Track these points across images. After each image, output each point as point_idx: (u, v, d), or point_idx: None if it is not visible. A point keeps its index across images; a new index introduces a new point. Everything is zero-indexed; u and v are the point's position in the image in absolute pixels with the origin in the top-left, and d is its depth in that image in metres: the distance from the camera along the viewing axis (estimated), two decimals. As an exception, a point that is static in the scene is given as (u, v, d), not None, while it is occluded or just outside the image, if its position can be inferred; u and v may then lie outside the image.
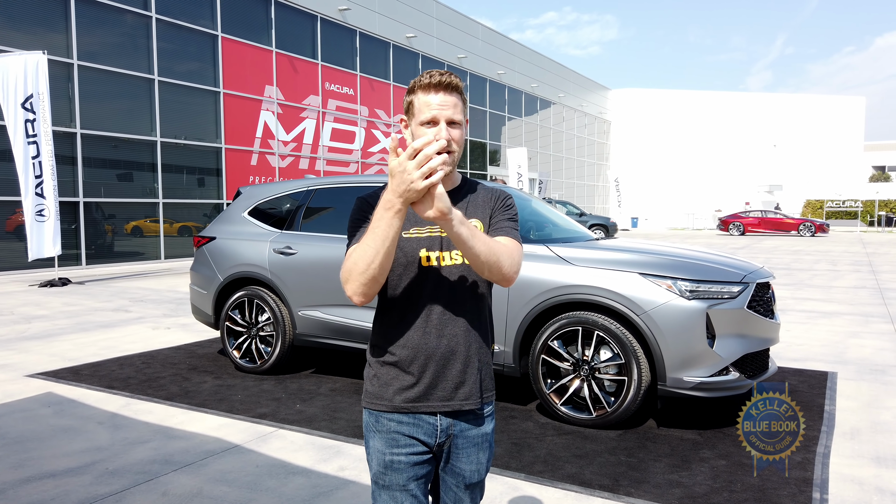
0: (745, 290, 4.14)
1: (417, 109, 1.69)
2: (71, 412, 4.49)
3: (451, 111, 1.67)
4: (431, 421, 1.70)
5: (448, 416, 1.71)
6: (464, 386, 1.71)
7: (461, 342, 1.70)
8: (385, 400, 1.70)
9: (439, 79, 1.67)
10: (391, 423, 1.70)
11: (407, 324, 1.68)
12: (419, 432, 1.69)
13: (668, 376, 3.97)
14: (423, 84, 1.68)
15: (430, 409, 1.69)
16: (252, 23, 18.29)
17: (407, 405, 1.68)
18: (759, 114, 48.85)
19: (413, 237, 1.69)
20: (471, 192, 1.81)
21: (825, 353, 6.42)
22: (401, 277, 1.69)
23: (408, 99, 1.74)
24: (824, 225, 32.08)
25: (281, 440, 3.97)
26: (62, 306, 9.14)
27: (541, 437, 4.01)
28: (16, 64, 11.17)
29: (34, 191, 11.34)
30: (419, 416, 1.69)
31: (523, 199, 5.74)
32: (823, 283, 12.06)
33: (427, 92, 1.68)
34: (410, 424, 1.69)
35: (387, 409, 1.70)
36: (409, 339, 1.68)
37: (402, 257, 1.67)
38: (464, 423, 1.73)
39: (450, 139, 1.65)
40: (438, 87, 1.67)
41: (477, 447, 1.76)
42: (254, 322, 5.53)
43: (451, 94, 1.68)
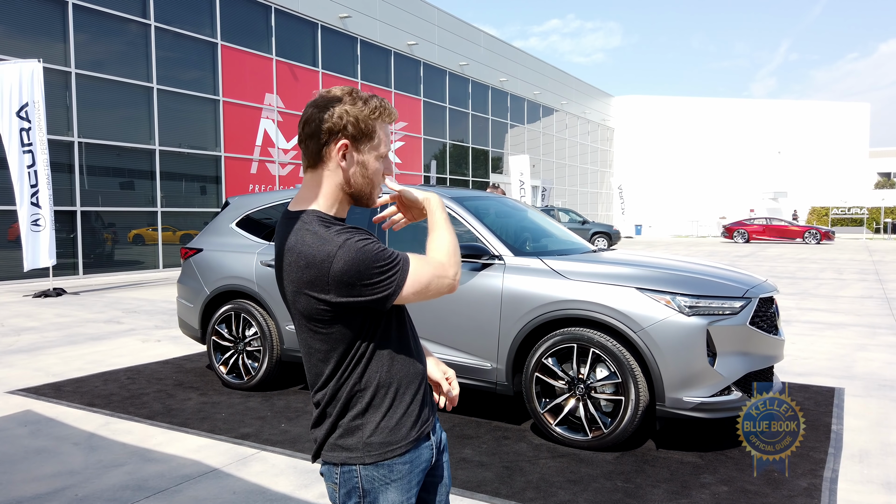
0: (748, 306, 3.96)
1: (380, 140, 1.55)
2: (47, 432, 4.33)
3: None
4: (429, 443, 1.63)
5: (435, 428, 1.68)
6: (431, 391, 1.73)
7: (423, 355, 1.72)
8: (399, 443, 1.53)
9: (396, 112, 1.61)
10: (404, 466, 1.55)
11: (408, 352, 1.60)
12: (423, 460, 1.60)
13: (667, 396, 3.79)
14: (388, 114, 1.56)
15: (432, 426, 1.65)
16: (252, 30, 18.22)
17: (418, 433, 1.58)
18: (763, 120, 48.62)
19: None
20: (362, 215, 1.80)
21: (831, 367, 6.22)
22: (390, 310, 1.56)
23: (370, 123, 1.52)
24: (830, 232, 31.81)
25: (262, 463, 3.80)
26: (54, 317, 9.00)
27: (534, 460, 3.83)
28: (11, 72, 11.08)
29: (29, 200, 11.22)
30: (420, 445, 1.59)
31: (518, 210, 5.59)
32: (829, 293, 11.85)
33: (391, 123, 1.60)
34: (417, 458, 1.58)
35: (401, 452, 1.54)
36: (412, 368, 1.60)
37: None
38: (440, 433, 1.70)
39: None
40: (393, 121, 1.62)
41: (446, 451, 1.76)
42: (241, 337, 5.37)
43: None
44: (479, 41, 28.79)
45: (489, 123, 30.02)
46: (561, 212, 25.59)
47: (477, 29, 28.89)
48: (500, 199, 5.47)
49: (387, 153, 1.58)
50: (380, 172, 1.57)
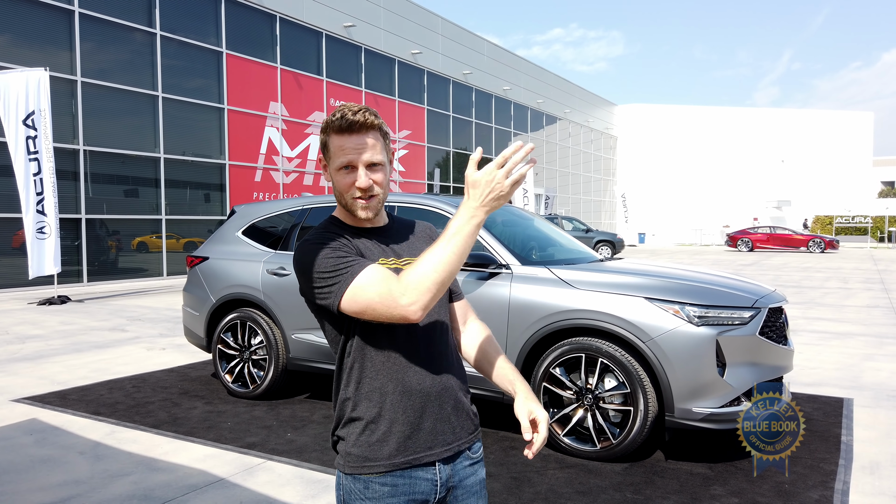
0: (757, 316, 3.93)
1: (333, 153, 1.55)
2: (53, 441, 4.32)
3: (369, 153, 1.53)
4: (430, 476, 1.52)
5: (447, 462, 1.54)
6: (458, 426, 1.57)
7: (452, 377, 1.58)
8: (379, 461, 1.49)
9: (352, 120, 1.51)
10: (384, 487, 1.49)
11: (397, 366, 1.52)
12: (416, 491, 1.51)
13: (676, 407, 3.77)
14: (336, 126, 1.52)
15: (430, 459, 1.51)
16: (257, 39, 18.29)
17: (406, 460, 1.49)
18: (766, 129, 48.63)
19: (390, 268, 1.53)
20: (404, 225, 1.72)
21: (839, 377, 6.18)
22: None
23: (322, 139, 1.58)
24: (834, 241, 31.72)
25: (268, 473, 3.78)
26: (58, 325, 9.00)
27: (542, 471, 3.80)
28: (17, 80, 11.13)
29: (35, 208, 11.25)
30: (415, 472, 1.50)
31: (525, 219, 5.57)
32: (835, 302, 11.80)
33: (341, 135, 1.52)
34: (406, 485, 1.50)
35: (380, 472, 1.49)
36: (399, 383, 1.51)
37: None
38: (462, 472, 1.58)
39: (370, 185, 1.53)
40: (352, 129, 1.52)
41: (476, 496, 1.61)
42: (246, 345, 5.35)
43: (368, 133, 1.53)
44: (482, 50, 28.87)
45: (493, 132, 30.06)
46: (564, 220, 25.58)
47: (480, 38, 28.98)
48: (506, 208, 5.46)
49: (345, 164, 1.52)
50: (346, 185, 1.53)
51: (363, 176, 1.52)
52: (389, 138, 1.61)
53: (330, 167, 1.56)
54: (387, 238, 1.63)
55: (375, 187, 1.54)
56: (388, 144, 1.59)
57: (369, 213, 1.55)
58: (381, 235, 1.62)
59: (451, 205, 4.82)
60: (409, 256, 1.62)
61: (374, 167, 1.54)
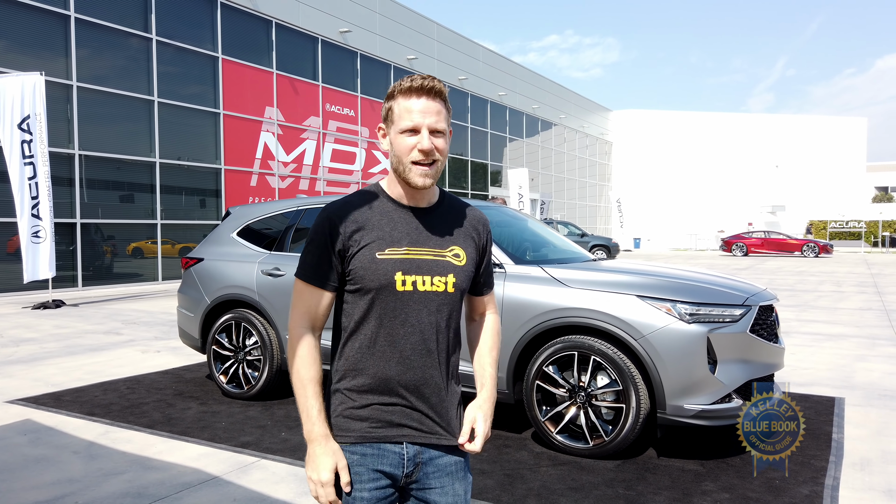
0: (748, 314, 3.97)
1: (398, 116, 1.56)
2: (47, 441, 4.32)
3: (434, 118, 1.54)
4: (397, 450, 1.56)
5: (416, 444, 1.58)
6: (434, 416, 1.59)
7: (436, 373, 1.59)
8: (348, 431, 1.56)
9: (421, 83, 1.54)
10: (353, 456, 1.56)
11: (379, 351, 1.56)
12: (384, 464, 1.55)
13: (668, 404, 3.79)
14: (405, 88, 1.55)
15: (398, 440, 1.56)
16: (253, 45, 18.34)
17: (374, 434, 1.55)
18: (761, 135, 48.87)
19: (388, 258, 1.55)
20: (451, 211, 1.69)
21: (831, 377, 6.22)
22: (373, 301, 1.56)
23: (387, 105, 1.60)
24: (828, 246, 31.88)
25: (262, 471, 3.79)
26: (53, 329, 8.99)
27: (535, 468, 3.82)
28: (13, 85, 11.14)
29: (30, 212, 11.25)
30: (383, 445, 1.55)
31: (519, 220, 5.61)
32: (828, 305, 11.86)
33: (408, 97, 1.55)
34: (374, 456, 1.55)
35: (350, 442, 1.55)
36: (380, 370, 1.55)
37: (374, 280, 1.54)
38: (433, 451, 1.59)
39: (432, 149, 1.54)
40: (421, 92, 1.54)
41: (451, 476, 1.61)
42: (241, 346, 5.37)
43: (435, 99, 1.56)
44: (477, 56, 28.98)
45: (488, 137, 30.15)
46: (560, 225, 25.64)
47: (476, 44, 29.10)
48: (500, 209, 5.50)
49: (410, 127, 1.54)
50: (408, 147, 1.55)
51: (426, 138, 1.52)
52: (451, 113, 1.61)
53: (392, 131, 1.57)
54: (426, 220, 1.61)
55: (436, 153, 1.55)
56: (449, 117, 1.60)
57: (427, 179, 1.54)
58: (421, 216, 1.61)
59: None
60: (434, 247, 1.59)
61: (437, 134, 1.55)
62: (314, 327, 1.59)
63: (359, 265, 1.54)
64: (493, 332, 1.79)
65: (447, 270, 1.60)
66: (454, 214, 1.68)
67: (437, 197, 1.67)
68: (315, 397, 1.54)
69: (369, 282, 1.54)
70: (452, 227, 1.65)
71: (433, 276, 1.58)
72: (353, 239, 1.55)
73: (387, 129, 1.60)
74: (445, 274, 1.59)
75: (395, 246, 1.56)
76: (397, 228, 1.58)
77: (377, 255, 1.54)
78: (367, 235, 1.55)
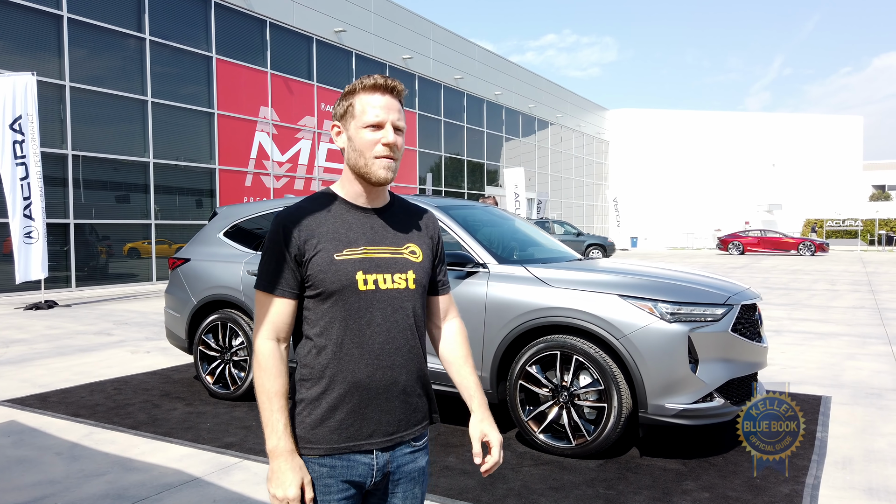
0: (730, 313, 3.97)
1: (360, 111, 1.57)
2: (30, 442, 4.31)
3: (396, 115, 1.58)
4: (367, 461, 1.55)
5: (386, 451, 1.57)
6: (404, 418, 1.60)
7: (403, 372, 1.59)
8: (317, 444, 1.53)
9: (385, 81, 1.57)
10: (322, 468, 1.53)
11: (346, 354, 1.54)
12: (353, 474, 1.54)
13: (650, 403, 3.79)
14: (368, 85, 1.58)
15: (368, 448, 1.55)
16: (247, 44, 18.32)
17: (344, 445, 1.53)
18: (757, 133, 48.92)
19: (347, 258, 1.55)
20: (403, 210, 1.70)
21: (820, 375, 6.23)
22: (335, 304, 1.55)
23: (346, 102, 1.60)
24: (824, 244, 31.91)
25: (244, 472, 3.78)
26: (44, 329, 8.98)
27: (517, 468, 3.82)
28: (4, 85, 11.12)
29: (22, 213, 11.22)
30: (353, 456, 1.54)
31: (506, 219, 5.61)
32: (821, 304, 11.87)
33: (372, 93, 1.57)
34: (344, 467, 1.54)
35: (319, 454, 1.53)
36: (348, 373, 1.54)
37: (335, 281, 1.53)
38: (400, 459, 1.60)
39: (394, 143, 1.56)
40: (385, 90, 1.58)
41: (414, 482, 1.63)
42: (227, 346, 5.36)
43: (396, 98, 1.59)
44: (473, 55, 28.98)
45: (484, 136, 30.15)
46: (556, 224, 25.65)
47: (472, 43, 29.09)
48: (486, 209, 5.49)
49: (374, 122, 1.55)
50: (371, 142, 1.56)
51: (391, 131, 1.55)
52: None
53: (352, 127, 1.57)
54: (380, 219, 1.63)
55: (395, 150, 1.57)
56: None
57: (389, 173, 1.56)
58: (374, 216, 1.62)
59: (432, 205, 4.84)
60: (391, 245, 1.60)
61: (398, 132, 1.58)
62: (279, 338, 1.56)
63: (317, 269, 1.53)
64: (464, 339, 1.79)
65: (406, 267, 1.60)
66: (406, 214, 1.70)
67: (388, 197, 1.69)
68: (281, 411, 1.51)
69: (330, 284, 1.53)
70: (406, 226, 1.67)
71: (393, 274, 1.58)
72: (308, 244, 1.54)
73: (344, 126, 1.61)
74: (405, 271, 1.60)
75: (352, 246, 1.56)
76: (353, 229, 1.58)
77: (335, 257, 1.54)
78: (323, 238, 1.55)
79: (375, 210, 1.63)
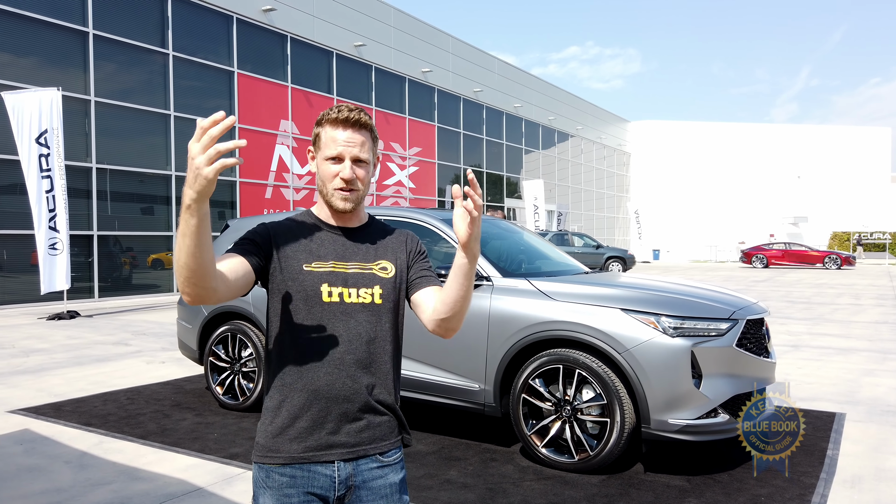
0: (734, 327, 3.93)
1: (324, 143, 1.63)
2: (41, 450, 4.39)
3: (357, 149, 1.61)
4: (328, 472, 1.56)
5: (348, 462, 1.57)
6: (366, 431, 1.60)
7: (365, 384, 1.59)
8: (277, 453, 1.56)
9: (347, 115, 1.61)
10: (283, 478, 1.55)
11: (306, 365, 1.57)
12: (315, 486, 1.56)
13: (653, 418, 3.76)
14: (331, 118, 1.62)
15: (329, 458, 1.56)
16: (268, 59, 18.60)
17: (304, 455, 1.55)
18: (783, 145, 48.31)
19: (314, 271, 1.60)
20: (378, 231, 1.74)
21: (835, 392, 6.11)
22: (299, 314, 1.58)
23: (315, 131, 1.67)
24: (850, 258, 31.34)
25: (247, 483, 3.81)
26: (64, 339, 9.14)
27: (518, 483, 3.81)
28: (31, 100, 11.41)
29: (48, 224, 11.47)
30: (314, 467, 1.55)
31: (513, 232, 5.61)
32: (843, 318, 11.65)
33: (335, 127, 1.62)
34: (305, 478, 1.55)
35: (279, 463, 1.55)
36: (308, 382, 1.56)
37: (300, 292, 1.58)
38: (366, 474, 1.59)
39: (353, 178, 1.61)
40: (346, 124, 1.61)
41: (385, 499, 1.61)
42: (237, 358, 5.42)
43: (360, 131, 1.62)
44: (493, 68, 29.08)
45: (504, 149, 30.18)
46: (575, 236, 25.53)
47: (491, 56, 29.21)
48: (492, 222, 5.51)
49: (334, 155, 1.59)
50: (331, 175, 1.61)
51: (348, 167, 1.59)
52: (377, 143, 1.69)
53: (318, 157, 1.64)
54: (353, 238, 1.66)
55: (357, 182, 1.61)
56: (375, 148, 1.67)
57: (348, 204, 1.61)
58: (348, 235, 1.66)
59: (438, 218, 4.87)
60: (360, 261, 1.63)
61: (360, 163, 1.61)
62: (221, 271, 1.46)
63: (287, 276, 1.58)
64: None
65: (373, 282, 1.63)
66: (382, 233, 1.73)
67: (366, 219, 1.74)
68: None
69: (296, 292, 1.57)
70: (380, 244, 1.70)
71: (359, 288, 1.61)
72: (282, 250, 1.60)
73: (315, 152, 1.67)
74: (371, 286, 1.63)
75: (320, 260, 1.61)
76: (324, 246, 1.64)
77: (304, 267, 1.59)
78: (295, 248, 1.61)
79: (350, 229, 1.69)
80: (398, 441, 1.67)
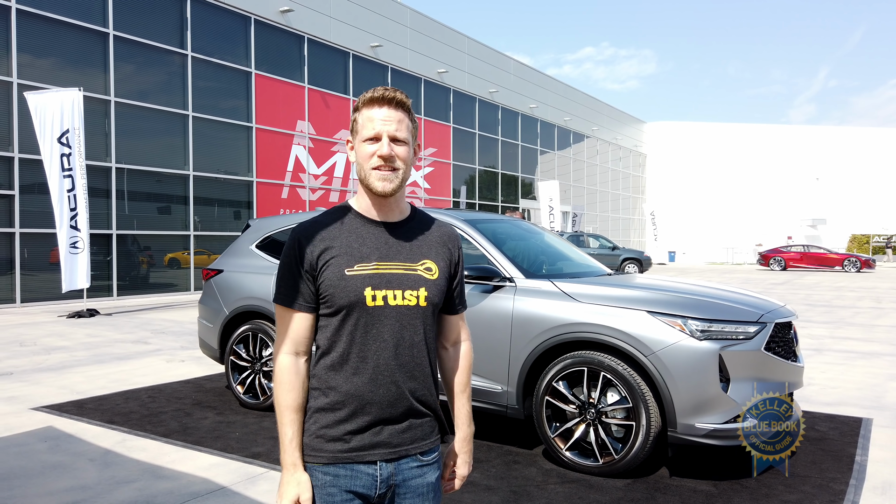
0: (763, 331, 3.87)
1: (361, 126, 1.60)
2: (66, 448, 4.42)
3: (394, 126, 1.57)
4: (370, 471, 1.56)
5: (390, 462, 1.57)
6: (408, 431, 1.60)
7: (409, 388, 1.59)
8: (321, 452, 1.55)
9: (383, 93, 1.58)
10: (326, 476, 1.55)
11: (351, 368, 1.56)
12: (357, 485, 1.55)
13: (679, 422, 3.71)
14: (367, 99, 1.60)
15: (372, 458, 1.56)
16: (285, 60, 18.68)
17: (348, 455, 1.54)
18: (801, 147, 47.80)
19: (357, 274, 1.56)
20: (422, 225, 1.70)
21: (861, 396, 6.02)
22: (344, 318, 1.57)
23: (353, 118, 1.64)
24: (870, 260, 30.93)
25: (270, 482, 3.82)
26: (84, 337, 9.22)
27: (542, 486, 3.78)
28: (53, 100, 11.53)
29: (69, 223, 11.58)
30: (356, 466, 1.55)
31: (534, 233, 5.58)
32: (865, 322, 11.49)
33: (371, 107, 1.59)
34: (347, 477, 1.55)
35: (323, 462, 1.55)
36: (352, 387, 1.55)
37: (344, 296, 1.55)
38: (406, 473, 1.60)
39: (391, 155, 1.56)
40: (382, 102, 1.58)
41: (422, 497, 1.62)
42: (257, 357, 5.43)
43: (397, 109, 1.59)
44: (508, 68, 29.02)
45: (519, 149, 30.10)
46: (591, 238, 25.41)
47: (506, 56, 29.16)
48: (514, 222, 5.48)
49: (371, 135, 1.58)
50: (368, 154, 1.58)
51: (386, 144, 1.55)
52: (416, 126, 1.65)
53: (356, 142, 1.61)
54: (396, 234, 1.62)
55: (397, 160, 1.57)
56: (414, 130, 1.63)
57: (388, 185, 1.56)
58: (391, 231, 1.62)
59: (459, 219, 4.85)
60: (405, 261, 1.59)
61: (399, 143, 1.57)
62: (298, 352, 1.59)
63: (328, 283, 1.56)
64: (467, 367, 1.79)
65: (419, 284, 1.60)
66: (425, 229, 1.68)
67: (408, 211, 1.69)
68: (290, 424, 1.56)
69: (339, 299, 1.55)
70: (423, 241, 1.65)
71: (404, 290, 1.58)
72: (321, 258, 1.57)
73: (353, 140, 1.64)
74: (417, 288, 1.59)
75: (363, 262, 1.57)
76: (366, 244, 1.59)
77: (346, 272, 1.55)
78: (335, 253, 1.57)
79: (391, 223, 1.64)
80: (437, 440, 1.67)
